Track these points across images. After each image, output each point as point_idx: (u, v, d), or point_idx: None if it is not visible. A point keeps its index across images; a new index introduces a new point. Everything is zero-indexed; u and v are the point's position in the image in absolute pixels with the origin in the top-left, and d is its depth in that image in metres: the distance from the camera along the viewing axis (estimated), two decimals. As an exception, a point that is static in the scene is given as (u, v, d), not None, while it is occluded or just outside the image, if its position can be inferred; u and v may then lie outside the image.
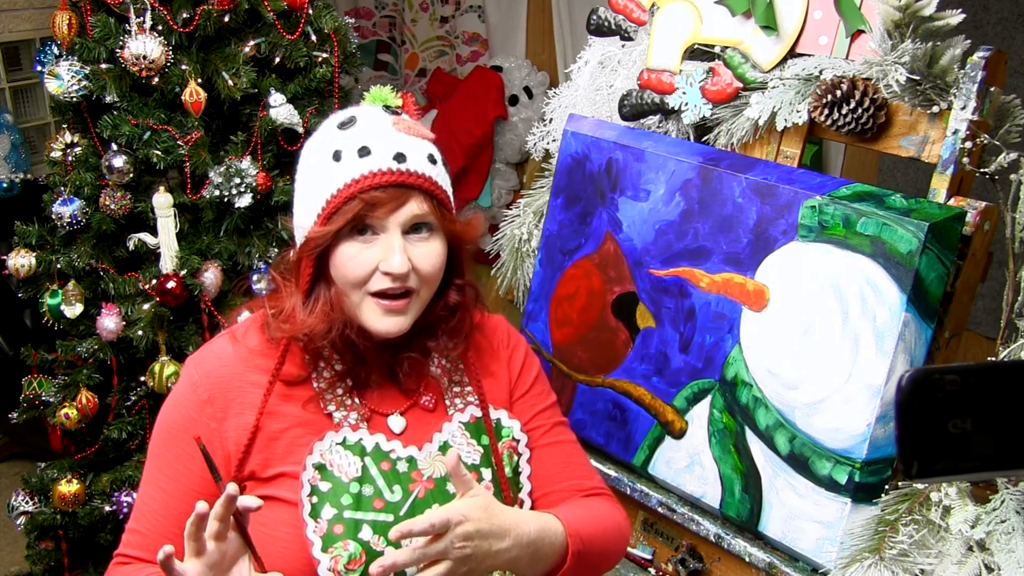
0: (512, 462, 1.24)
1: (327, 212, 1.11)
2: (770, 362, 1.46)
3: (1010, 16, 3.03)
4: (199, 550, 0.98)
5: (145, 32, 2.08)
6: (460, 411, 1.22)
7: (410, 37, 4.74)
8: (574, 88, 1.92)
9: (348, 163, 1.10)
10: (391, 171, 1.10)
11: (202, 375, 1.17)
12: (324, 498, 1.11)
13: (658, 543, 1.66)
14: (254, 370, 1.16)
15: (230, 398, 1.15)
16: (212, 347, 1.21)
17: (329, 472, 1.12)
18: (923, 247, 1.29)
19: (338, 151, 1.11)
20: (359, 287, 1.12)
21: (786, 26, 1.58)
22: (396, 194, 1.10)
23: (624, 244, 1.67)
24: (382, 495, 1.13)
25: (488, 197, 4.45)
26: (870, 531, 1.33)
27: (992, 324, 1.48)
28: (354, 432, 1.15)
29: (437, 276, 1.16)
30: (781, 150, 1.63)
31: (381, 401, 1.20)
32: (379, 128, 1.13)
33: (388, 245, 1.10)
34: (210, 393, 1.15)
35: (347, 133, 1.13)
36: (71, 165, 2.21)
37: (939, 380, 0.58)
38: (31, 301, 2.32)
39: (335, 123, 1.15)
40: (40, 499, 2.35)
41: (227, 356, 1.18)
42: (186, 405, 1.16)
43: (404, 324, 1.14)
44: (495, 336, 1.31)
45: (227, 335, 1.21)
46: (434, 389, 1.23)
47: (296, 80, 2.28)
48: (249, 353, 1.17)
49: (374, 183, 1.09)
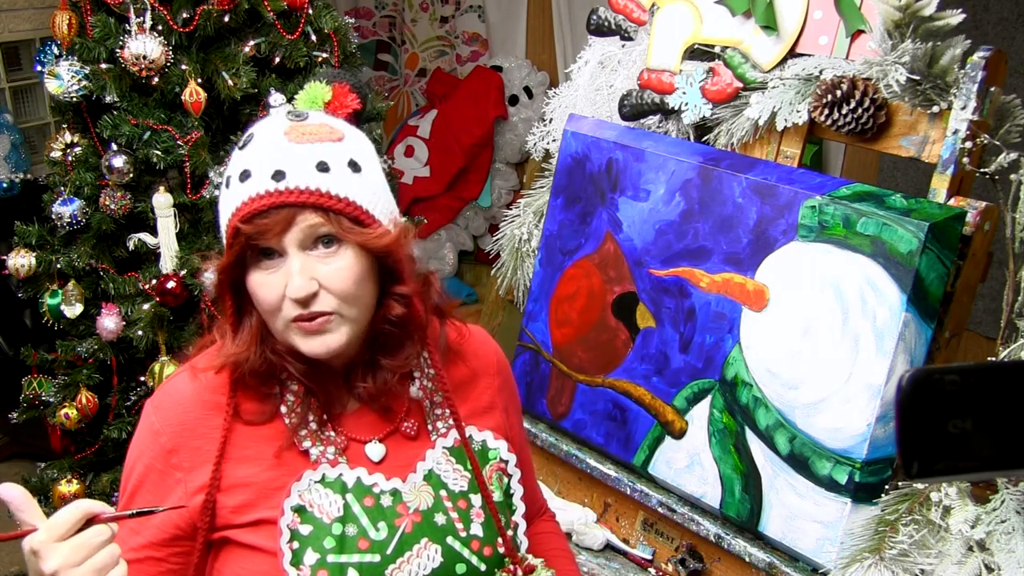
0: (502, 485, 1.18)
1: (227, 242, 1.03)
2: (770, 362, 1.46)
3: (1010, 16, 3.03)
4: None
5: (145, 32, 2.08)
6: (443, 436, 1.14)
7: (410, 37, 4.74)
8: (574, 88, 1.92)
9: (233, 190, 1.02)
10: (268, 193, 0.99)
11: (163, 422, 1.08)
12: (305, 543, 1.03)
13: (658, 543, 1.66)
14: (213, 411, 1.08)
15: (197, 446, 1.07)
16: (171, 387, 1.12)
17: (309, 513, 1.04)
18: (923, 247, 1.29)
19: (228, 177, 1.03)
20: (275, 314, 1.03)
21: (786, 26, 1.58)
22: (280, 216, 0.99)
23: (624, 244, 1.67)
24: (367, 534, 1.06)
25: (488, 197, 4.45)
26: (870, 531, 1.33)
27: (992, 324, 1.48)
28: (333, 468, 1.07)
29: (354, 291, 1.03)
30: (781, 150, 1.63)
31: (357, 427, 1.12)
32: (267, 144, 1.02)
33: (288, 269, 1.01)
34: (174, 443, 1.07)
35: (243, 154, 1.03)
36: (71, 165, 2.21)
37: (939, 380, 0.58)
38: (31, 301, 2.32)
39: (238, 144, 1.06)
40: (40, 499, 2.35)
41: (186, 398, 1.09)
42: (149, 455, 1.08)
43: (333, 343, 1.03)
44: (478, 358, 1.24)
45: (187, 370, 1.11)
46: (416, 415, 1.15)
47: (296, 80, 2.28)
48: (208, 391, 1.09)
49: (253, 209, 0.99)
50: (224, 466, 1.07)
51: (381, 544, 1.06)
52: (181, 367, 1.15)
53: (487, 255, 2.01)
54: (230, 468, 1.07)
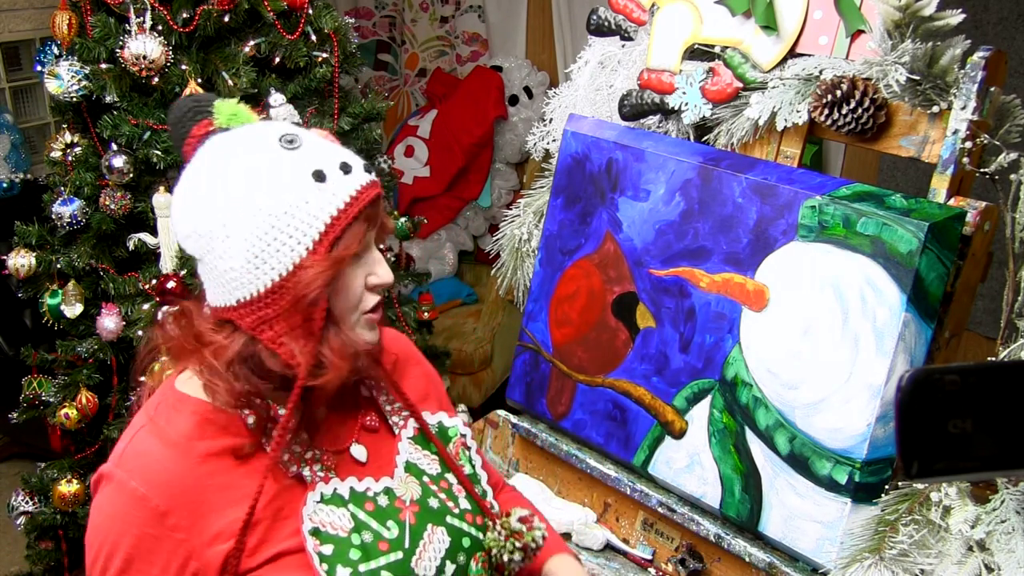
0: (466, 457, 1.24)
1: (330, 239, 1.01)
2: (770, 362, 1.46)
3: (1010, 16, 3.03)
4: None
5: (145, 32, 2.08)
6: (404, 427, 1.20)
7: (410, 37, 4.74)
8: (574, 88, 1.92)
9: (336, 182, 1.02)
10: (372, 183, 1.04)
11: (148, 486, 1.02)
12: (333, 561, 1.04)
13: (658, 543, 1.66)
14: (204, 460, 1.04)
15: (191, 500, 1.02)
16: (140, 452, 1.05)
17: (325, 533, 1.05)
18: (923, 247, 1.29)
19: (319, 171, 1.01)
20: (355, 308, 1.06)
21: (786, 26, 1.58)
22: (379, 206, 1.06)
23: (624, 244, 1.67)
24: (382, 536, 1.08)
25: (488, 197, 4.45)
26: (870, 531, 1.33)
27: (992, 324, 1.48)
28: (327, 485, 1.08)
29: None
30: (781, 150, 1.63)
31: (334, 437, 1.14)
32: (324, 141, 1.06)
33: (370, 259, 1.06)
34: (168, 504, 1.01)
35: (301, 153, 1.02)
36: (71, 165, 2.21)
37: (939, 380, 0.58)
38: (31, 301, 2.32)
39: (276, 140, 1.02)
40: (40, 499, 2.36)
41: (167, 458, 1.04)
42: (137, 525, 1.01)
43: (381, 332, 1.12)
44: (398, 345, 1.29)
45: (146, 429, 1.06)
46: (370, 410, 1.20)
47: (296, 80, 2.28)
48: (187, 442, 1.04)
49: (370, 197, 1.03)
50: (223, 513, 1.03)
51: (398, 541, 1.09)
52: (133, 428, 1.08)
53: (487, 255, 2.01)
54: (231, 513, 1.03)
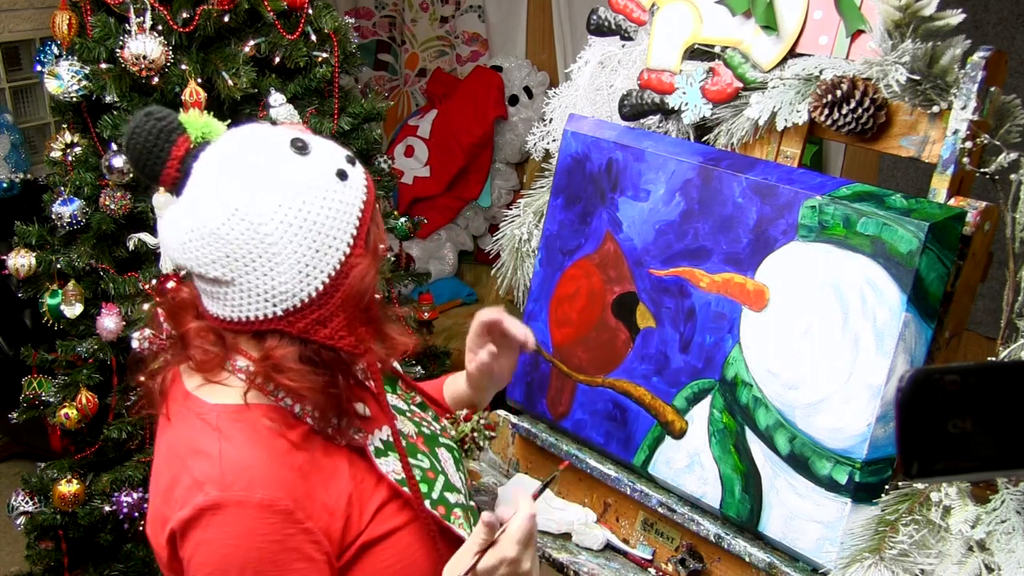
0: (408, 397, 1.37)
1: (364, 229, 1.08)
2: (770, 362, 1.46)
3: (1010, 16, 3.03)
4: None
5: (145, 32, 2.08)
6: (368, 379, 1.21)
7: (410, 37, 4.74)
8: (574, 88, 1.92)
9: (353, 176, 1.09)
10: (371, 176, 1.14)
11: (271, 490, 1.02)
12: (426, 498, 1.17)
13: (658, 543, 1.66)
14: (292, 451, 1.06)
15: (308, 487, 1.05)
16: (243, 467, 1.03)
17: (401, 479, 1.15)
18: (923, 247, 1.29)
19: (341, 170, 1.08)
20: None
21: (786, 26, 1.58)
22: None
23: (624, 244, 1.67)
24: (424, 467, 1.21)
25: (488, 197, 4.45)
26: (870, 531, 1.33)
27: (992, 324, 1.48)
28: (369, 442, 1.15)
29: None
30: (781, 150, 1.63)
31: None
32: (318, 137, 1.12)
33: None
34: (293, 501, 1.02)
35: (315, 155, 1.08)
36: (71, 165, 2.21)
37: (939, 380, 0.58)
38: (31, 301, 2.32)
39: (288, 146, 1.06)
40: (40, 499, 2.36)
41: (270, 461, 1.05)
42: (270, 533, 1.01)
43: None
44: None
45: (230, 446, 1.04)
46: None
47: (296, 80, 2.29)
48: (273, 440, 1.06)
49: (374, 191, 1.13)
50: (327, 491, 1.08)
51: (434, 468, 1.23)
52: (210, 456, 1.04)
53: (487, 255, 2.01)
54: (332, 490, 1.09)
